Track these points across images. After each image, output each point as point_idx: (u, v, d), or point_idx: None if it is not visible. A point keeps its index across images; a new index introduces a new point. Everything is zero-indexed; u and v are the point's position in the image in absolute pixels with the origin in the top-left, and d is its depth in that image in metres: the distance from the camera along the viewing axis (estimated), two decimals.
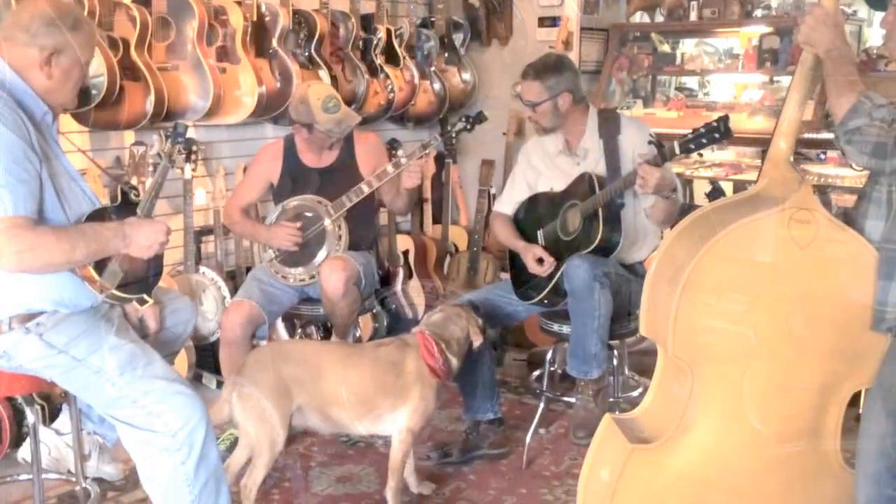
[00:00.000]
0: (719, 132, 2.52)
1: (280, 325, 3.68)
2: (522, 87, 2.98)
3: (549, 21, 4.45)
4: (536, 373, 3.59)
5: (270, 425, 2.50)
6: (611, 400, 3.00)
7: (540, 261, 2.91)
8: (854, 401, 2.14)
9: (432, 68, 4.48)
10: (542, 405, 3.09)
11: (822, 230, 1.88)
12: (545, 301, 2.94)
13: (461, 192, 4.74)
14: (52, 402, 2.88)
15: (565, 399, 3.12)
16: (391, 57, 4.27)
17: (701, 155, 2.61)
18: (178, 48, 3.42)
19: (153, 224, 2.19)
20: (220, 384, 3.61)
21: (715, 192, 4.82)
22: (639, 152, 2.73)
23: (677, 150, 2.58)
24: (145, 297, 2.27)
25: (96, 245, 2.08)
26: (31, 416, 2.39)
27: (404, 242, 4.39)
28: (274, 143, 3.36)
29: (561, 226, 2.94)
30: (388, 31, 4.23)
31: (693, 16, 4.39)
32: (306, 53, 3.85)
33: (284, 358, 2.61)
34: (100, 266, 2.13)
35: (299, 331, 3.49)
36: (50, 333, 2.11)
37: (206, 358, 3.65)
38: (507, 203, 3.17)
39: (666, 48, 4.68)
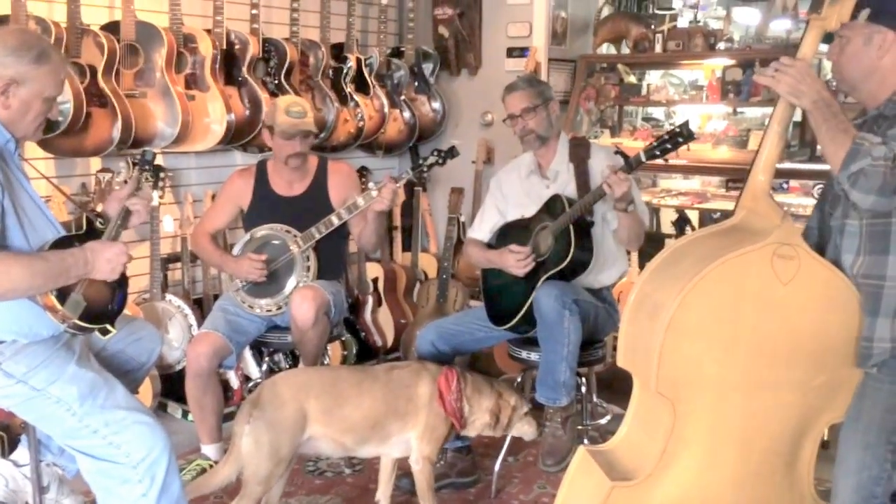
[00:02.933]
0: (682, 136, 2.57)
1: (248, 354, 3.65)
2: (512, 98, 2.98)
3: (518, 52, 4.51)
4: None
5: (275, 462, 2.46)
6: (579, 427, 3.00)
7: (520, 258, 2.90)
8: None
9: (402, 97, 4.51)
10: (510, 433, 3.08)
11: (803, 265, 1.88)
12: (518, 328, 2.95)
13: (431, 219, 4.75)
14: (10, 432, 2.82)
15: None
16: (361, 85, 4.29)
17: (666, 160, 2.65)
18: (147, 75, 3.42)
19: (114, 246, 2.18)
20: (185, 413, 3.56)
21: (681, 221, 4.91)
22: (607, 163, 2.78)
23: (643, 158, 2.63)
24: (108, 326, 2.23)
25: (58, 272, 2.05)
26: None
27: (374, 270, 4.39)
28: (245, 169, 3.35)
29: (533, 249, 2.95)
30: (359, 60, 4.26)
31: (658, 48, 4.48)
32: (276, 81, 3.86)
33: (304, 390, 2.55)
34: (62, 295, 2.09)
35: (267, 359, 3.46)
36: (8, 363, 2.07)
37: (172, 387, 3.59)
38: (479, 230, 3.19)
39: (632, 79, 4.76)
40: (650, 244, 3.32)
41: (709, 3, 6.30)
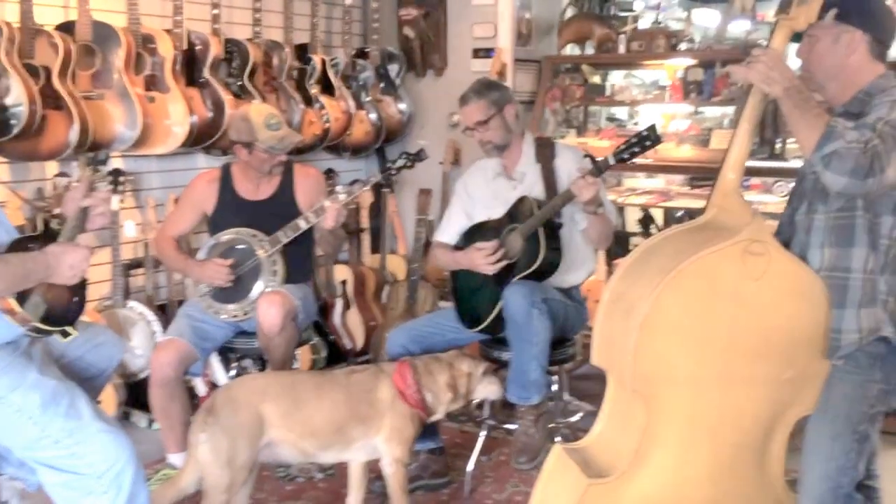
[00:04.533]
0: (650, 140, 2.59)
1: (215, 360, 3.58)
2: (465, 111, 2.96)
3: (483, 52, 4.51)
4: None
5: (234, 469, 2.41)
6: (551, 425, 3.00)
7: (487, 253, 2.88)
8: None
9: (368, 98, 4.48)
10: (483, 433, 3.07)
11: (773, 261, 1.90)
12: (489, 328, 2.93)
13: (399, 221, 4.72)
14: None
15: (506, 426, 3.10)
16: (326, 87, 4.25)
17: (633, 161, 2.67)
18: (104, 76, 3.34)
19: (75, 250, 2.13)
20: (150, 422, 3.48)
21: (646, 220, 4.94)
22: (577, 167, 2.77)
23: (611, 161, 2.64)
24: (68, 329, 2.18)
25: (20, 276, 2.00)
26: None
27: (342, 272, 4.35)
28: (209, 172, 3.28)
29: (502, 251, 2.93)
30: (323, 61, 4.22)
31: (621, 48, 4.50)
32: (239, 83, 3.80)
33: (259, 394, 2.51)
34: (21, 298, 2.04)
35: (234, 365, 3.40)
36: None
37: (136, 395, 3.52)
38: (445, 232, 3.16)
39: (596, 79, 4.79)
40: (615, 242, 3.35)
41: (669, 4, 6.37)
